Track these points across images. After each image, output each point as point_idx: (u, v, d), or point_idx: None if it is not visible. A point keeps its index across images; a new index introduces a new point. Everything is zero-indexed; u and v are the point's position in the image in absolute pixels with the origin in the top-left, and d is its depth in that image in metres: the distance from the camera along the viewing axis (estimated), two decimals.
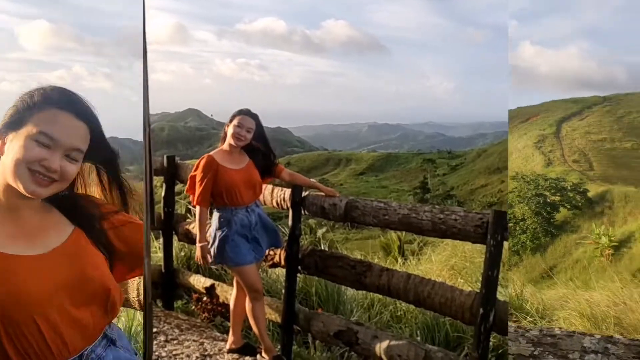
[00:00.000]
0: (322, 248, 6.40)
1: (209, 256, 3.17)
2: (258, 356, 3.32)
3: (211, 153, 3.22)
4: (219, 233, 3.15)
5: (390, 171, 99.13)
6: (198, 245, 3.16)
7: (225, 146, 3.21)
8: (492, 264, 2.67)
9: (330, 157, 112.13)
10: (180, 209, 5.64)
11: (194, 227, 4.04)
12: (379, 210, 3.09)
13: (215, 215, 3.19)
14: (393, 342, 3.00)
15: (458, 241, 3.65)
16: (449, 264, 12.12)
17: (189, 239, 4.06)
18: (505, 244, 2.71)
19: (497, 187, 79.98)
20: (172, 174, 4.14)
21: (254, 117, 3.20)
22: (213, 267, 5.42)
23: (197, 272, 5.26)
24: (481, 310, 2.68)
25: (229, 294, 3.81)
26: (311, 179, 3.55)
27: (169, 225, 4.18)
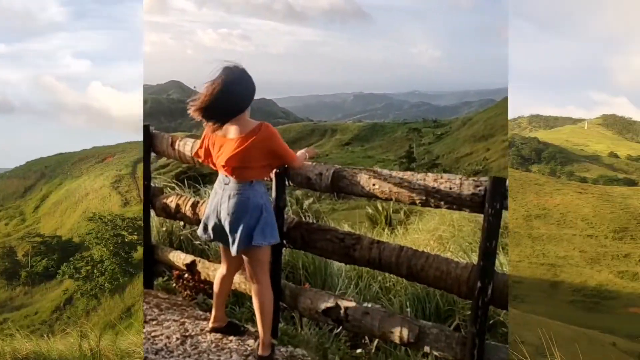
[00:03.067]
0: (308, 220, 6.24)
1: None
2: (252, 342, 3.12)
3: None
4: (268, 206, 2.93)
5: (376, 141, 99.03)
6: None
7: None
8: (490, 234, 2.49)
9: (316, 127, 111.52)
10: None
11: (172, 201, 3.81)
12: (368, 180, 2.88)
13: (260, 185, 2.93)
14: (385, 319, 2.83)
15: (445, 210, 3.48)
16: (437, 233, 12.02)
17: (167, 213, 3.83)
18: (505, 213, 2.53)
19: (483, 154, 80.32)
20: (148, 144, 3.88)
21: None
22: (196, 242, 5.22)
23: (179, 248, 5.06)
24: (479, 284, 2.51)
25: (210, 270, 3.61)
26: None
27: (147, 199, 3.94)
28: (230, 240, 2.85)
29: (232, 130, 2.81)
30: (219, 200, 2.88)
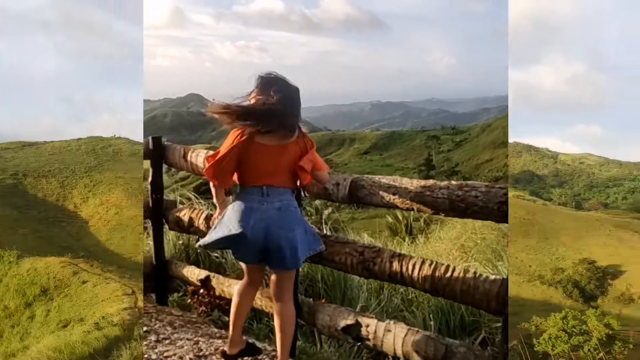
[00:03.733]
0: (327, 232, 6.09)
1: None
2: None
3: None
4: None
5: (395, 149, 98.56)
6: None
7: None
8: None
9: (334, 137, 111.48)
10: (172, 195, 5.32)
11: (185, 214, 3.70)
12: (387, 189, 2.73)
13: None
14: (409, 337, 2.66)
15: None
16: (459, 242, 11.72)
17: (180, 226, 3.71)
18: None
19: (503, 161, 79.39)
20: (159, 156, 3.78)
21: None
22: (213, 254, 5.10)
23: (195, 262, 4.94)
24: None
25: (225, 286, 3.48)
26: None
27: (159, 212, 3.84)
28: (280, 257, 2.57)
29: (277, 136, 2.58)
30: (261, 217, 2.56)
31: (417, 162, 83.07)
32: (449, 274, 2.57)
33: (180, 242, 5.36)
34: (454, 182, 2.57)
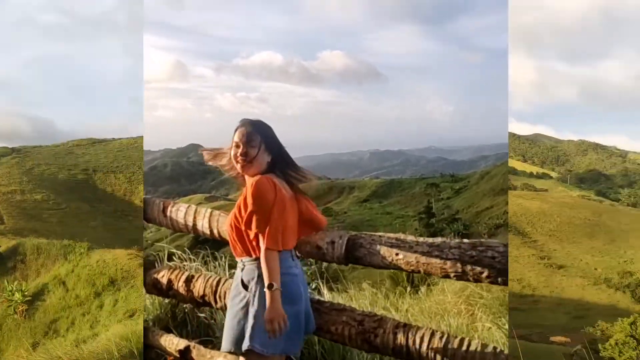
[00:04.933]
0: (325, 286, 5.67)
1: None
2: None
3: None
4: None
5: (394, 197, 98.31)
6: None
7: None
8: None
9: (333, 185, 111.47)
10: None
11: (163, 276, 3.33)
12: (389, 249, 2.38)
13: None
14: None
15: None
16: (465, 293, 11.23)
17: (158, 290, 3.34)
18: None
19: (503, 208, 78.91)
20: (144, 213, 3.45)
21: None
22: (202, 314, 4.67)
23: (183, 323, 4.52)
24: None
25: (207, 358, 3.08)
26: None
27: (145, 274, 3.46)
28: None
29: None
30: (302, 281, 2.43)
31: (417, 209, 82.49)
32: (464, 348, 2.19)
33: (167, 301, 4.95)
34: (466, 241, 2.23)
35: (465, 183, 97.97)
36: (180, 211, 3.16)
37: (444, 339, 2.24)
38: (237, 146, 2.39)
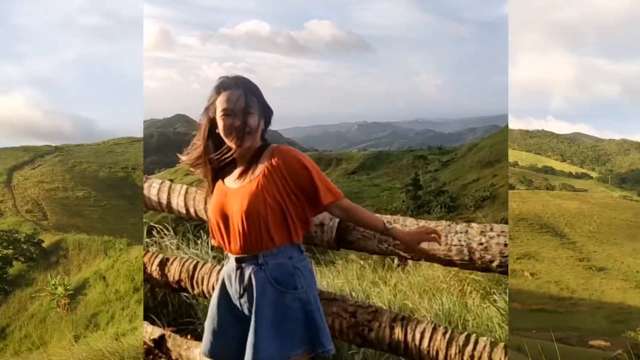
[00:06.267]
0: (314, 260, 5.41)
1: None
2: None
3: None
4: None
5: (382, 169, 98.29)
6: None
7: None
8: None
9: (321, 157, 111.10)
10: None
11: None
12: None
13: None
14: None
15: None
16: (454, 269, 11.11)
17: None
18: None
19: (490, 181, 79.23)
20: None
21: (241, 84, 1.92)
22: (183, 294, 4.39)
23: (163, 302, 4.26)
24: None
25: (183, 349, 2.81)
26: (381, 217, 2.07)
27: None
28: None
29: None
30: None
31: (405, 182, 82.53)
32: (470, 347, 1.94)
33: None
34: (474, 225, 1.96)
35: (453, 155, 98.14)
36: (154, 187, 2.85)
37: (447, 335, 1.99)
38: (228, 115, 1.86)
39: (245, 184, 1.87)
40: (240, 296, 1.89)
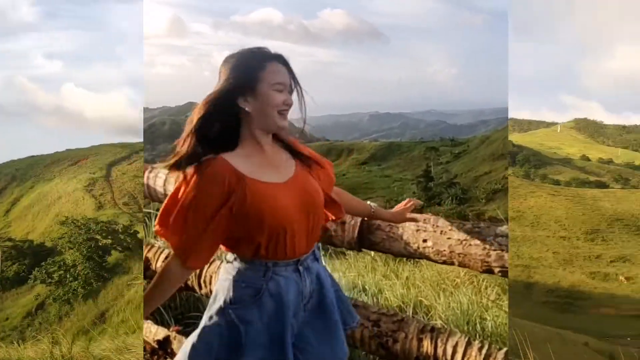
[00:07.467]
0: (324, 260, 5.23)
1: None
2: None
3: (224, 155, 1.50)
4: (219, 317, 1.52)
5: (393, 160, 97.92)
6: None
7: (257, 137, 1.57)
8: None
9: (332, 147, 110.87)
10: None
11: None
12: (416, 233, 1.88)
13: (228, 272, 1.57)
14: None
15: None
16: None
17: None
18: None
19: (501, 173, 78.61)
20: None
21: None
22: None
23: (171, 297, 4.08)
24: None
25: None
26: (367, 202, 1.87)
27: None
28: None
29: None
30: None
31: (416, 173, 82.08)
32: None
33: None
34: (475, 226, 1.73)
35: (465, 147, 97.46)
36: (160, 178, 2.64)
37: (483, 352, 1.77)
38: (280, 91, 1.55)
39: (295, 172, 1.58)
40: (308, 301, 1.57)
